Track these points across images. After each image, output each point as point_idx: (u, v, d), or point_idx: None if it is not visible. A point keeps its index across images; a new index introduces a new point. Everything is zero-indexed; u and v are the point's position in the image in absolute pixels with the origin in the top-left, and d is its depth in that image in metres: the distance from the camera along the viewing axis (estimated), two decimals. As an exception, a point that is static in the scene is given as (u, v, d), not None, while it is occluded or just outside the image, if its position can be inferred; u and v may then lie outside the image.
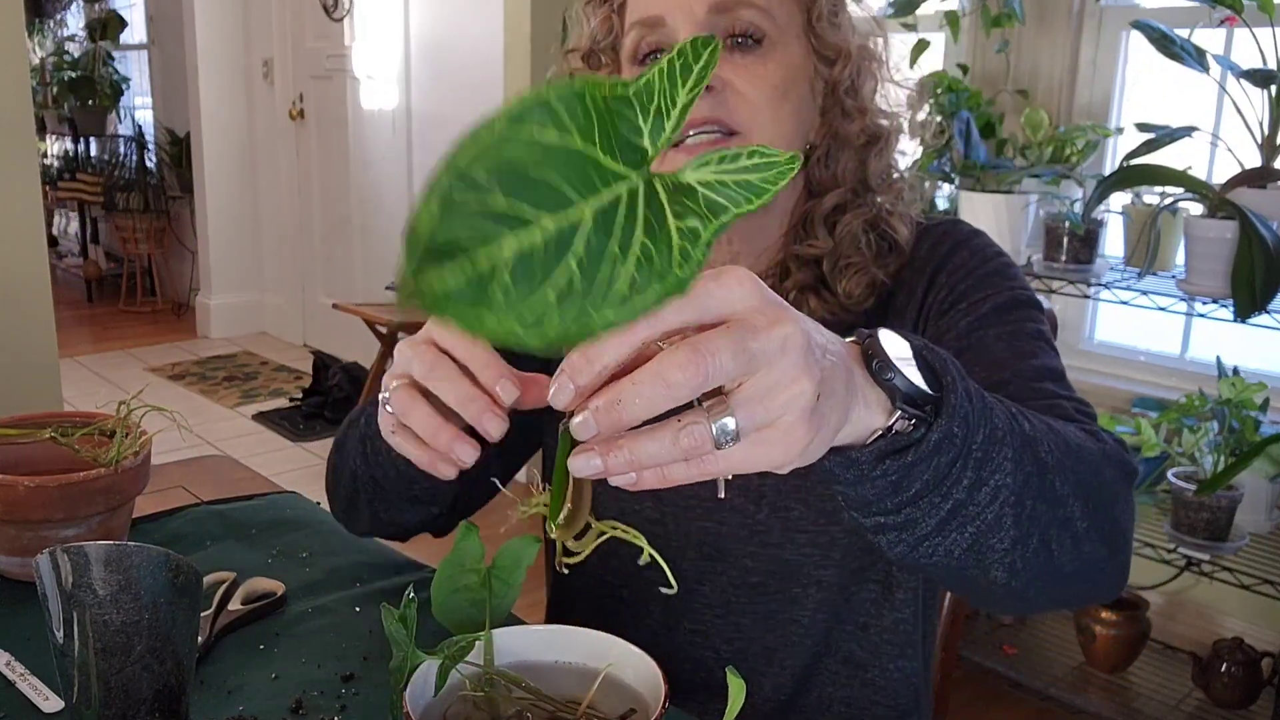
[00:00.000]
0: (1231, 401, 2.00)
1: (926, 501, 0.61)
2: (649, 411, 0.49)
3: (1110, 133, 2.38)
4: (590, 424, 0.50)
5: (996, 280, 0.94)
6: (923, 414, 0.59)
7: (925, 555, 0.65)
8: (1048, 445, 0.67)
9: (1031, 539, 0.66)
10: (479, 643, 0.71)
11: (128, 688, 0.69)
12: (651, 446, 0.51)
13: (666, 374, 0.48)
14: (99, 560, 0.68)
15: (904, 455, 0.59)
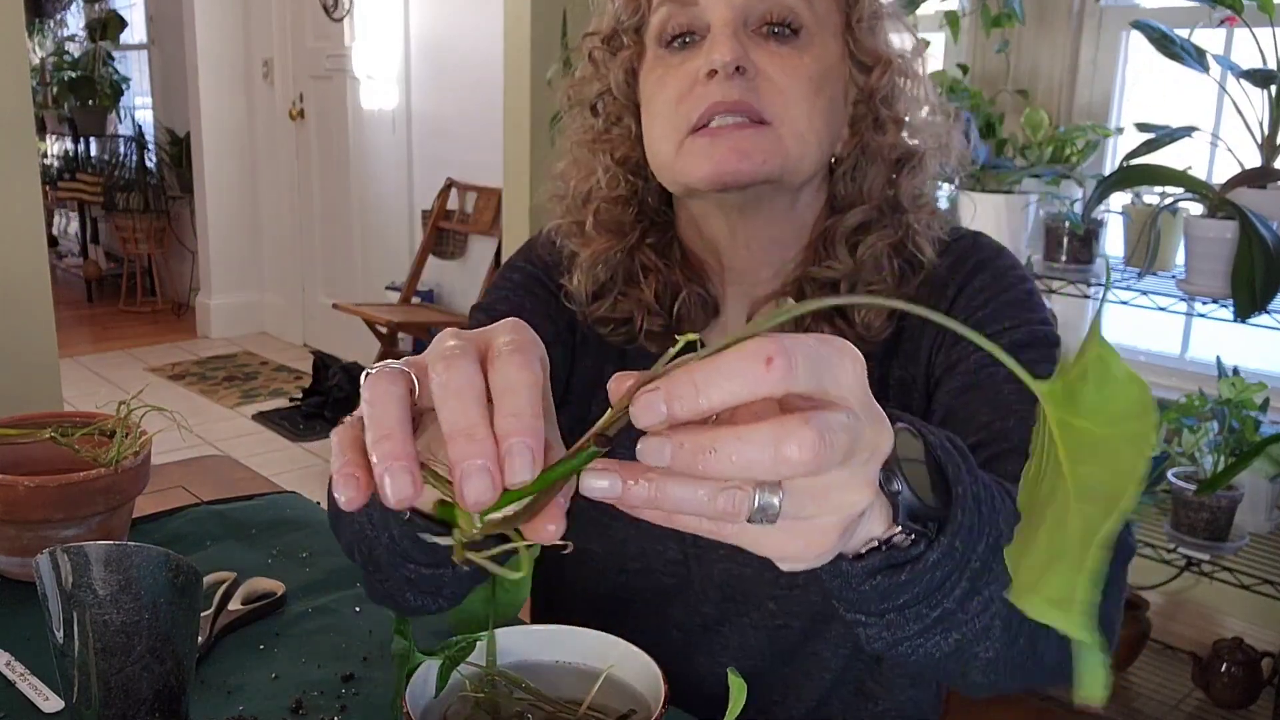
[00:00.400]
0: (1231, 401, 2.00)
1: (913, 611, 0.58)
2: (738, 473, 0.43)
3: (1110, 133, 2.38)
4: (664, 455, 0.43)
5: (1016, 311, 0.89)
6: (923, 530, 0.55)
7: (905, 654, 0.61)
8: None
9: (1019, 640, 0.63)
10: (479, 643, 0.72)
11: (128, 688, 0.69)
12: (681, 493, 0.45)
13: (783, 446, 0.42)
14: (99, 560, 0.68)
15: (898, 573, 0.55)
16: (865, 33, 0.89)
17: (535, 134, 3.26)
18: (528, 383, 0.47)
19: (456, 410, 0.46)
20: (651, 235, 0.95)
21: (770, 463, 0.43)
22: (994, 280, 0.92)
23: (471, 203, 4.31)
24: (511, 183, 3.41)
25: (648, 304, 0.93)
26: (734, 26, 0.84)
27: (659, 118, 0.88)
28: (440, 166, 4.44)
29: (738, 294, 0.96)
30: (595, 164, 0.95)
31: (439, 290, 4.57)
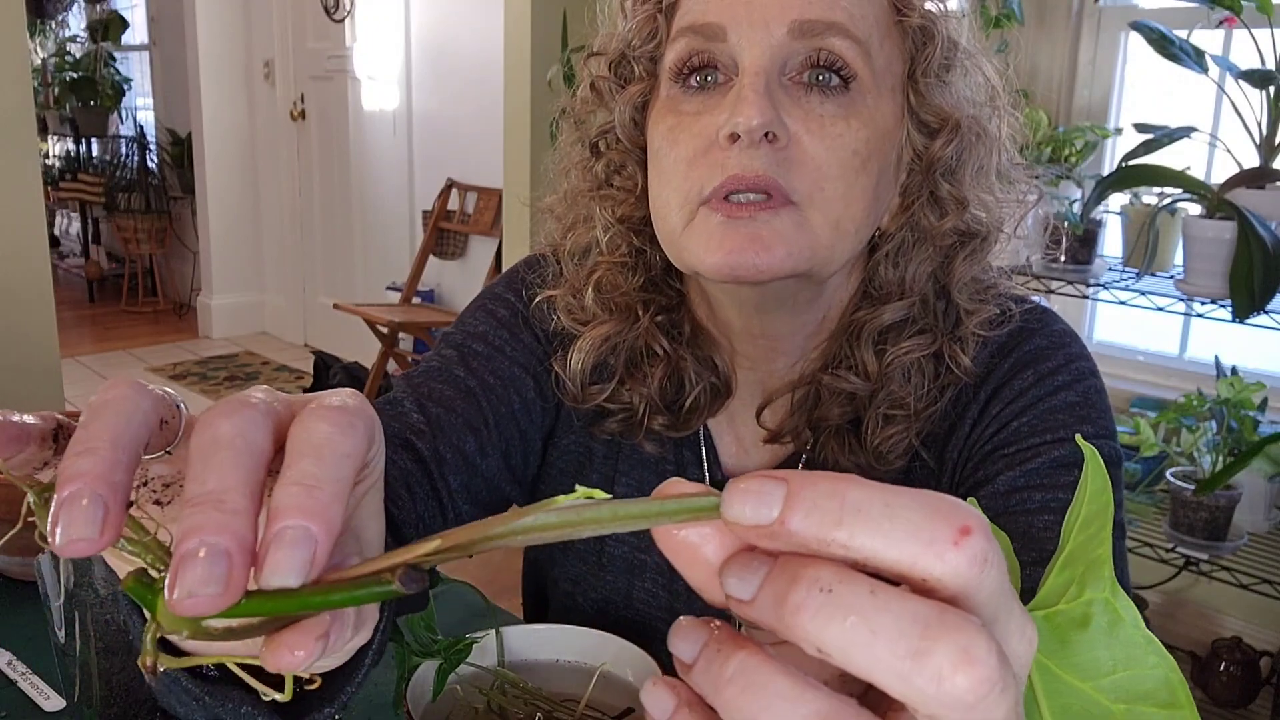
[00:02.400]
0: (1230, 401, 2.00)
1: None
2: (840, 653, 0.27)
3: (1109, 133, 2.38)
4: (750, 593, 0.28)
5: (1065, 419, 0.73)
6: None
7: None
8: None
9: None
10: (478, 645, 0.72)
11: (129, 687, 0.70)
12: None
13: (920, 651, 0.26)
14: (100, 560, 0.68)
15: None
16: (933, 87, 0.72)
17: (535, 134, 3.27)
18: (341, 450, 0.34)
19: (209, 466, 0.32)
20: (661, 314, 0.80)
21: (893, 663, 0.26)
22: (1039, 380, 0.75)
23: (472, 203, 4.31)
24: (512, 183, 3.42)
25: (651, 397, 0.80)
26: (768, 74, 0.67)
27: (667, 182, 0.72)
28: (441, 167, 4.44)
29: (750, 379, 0.83)
30: (595, 217, 0.81)
31: (439, 290, 4.57)
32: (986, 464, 0.73)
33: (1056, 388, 0.75)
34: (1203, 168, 2.34)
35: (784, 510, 0.27)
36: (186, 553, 0.30)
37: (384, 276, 4.78)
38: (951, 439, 0.77)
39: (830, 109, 0.68)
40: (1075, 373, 0.75)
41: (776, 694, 0.27)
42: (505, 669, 0.73)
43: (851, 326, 0.77)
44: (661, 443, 0.83)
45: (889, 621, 0.26)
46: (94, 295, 6.32)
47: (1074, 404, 0.74)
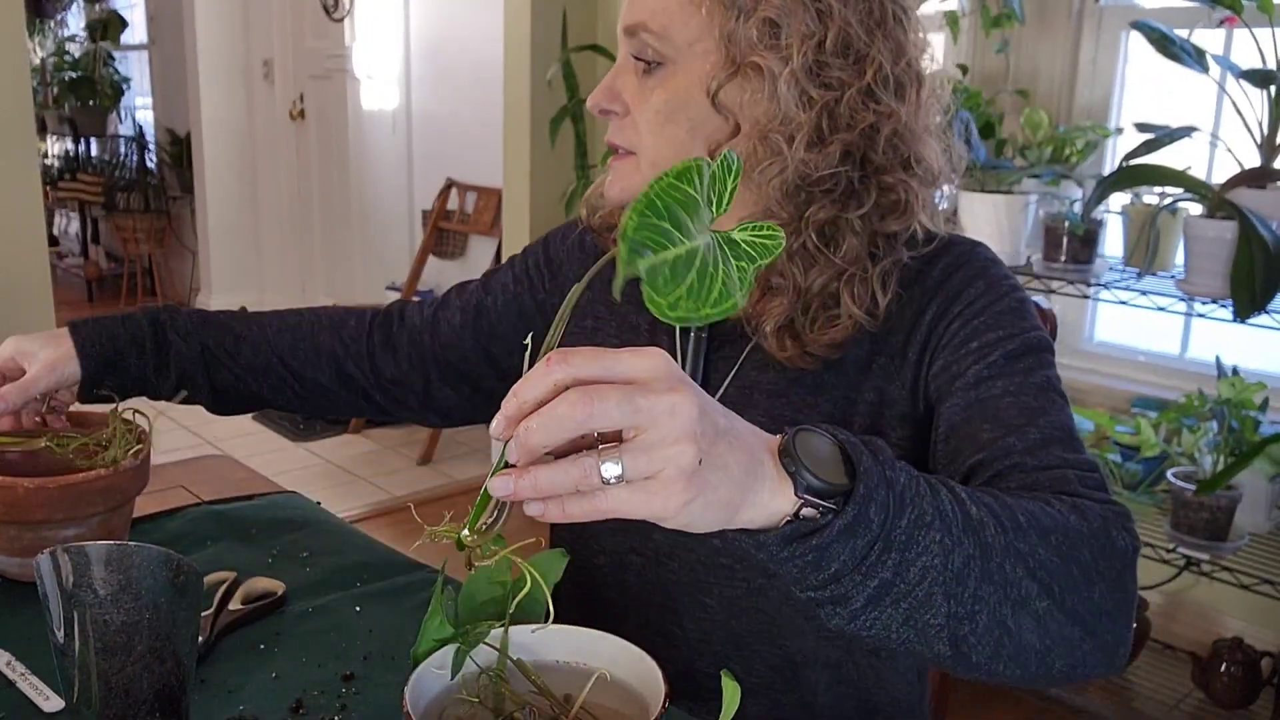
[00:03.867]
0: (1231, 401, 2.00)
1: (849, 580, 0.65)
2: (547, 440, 0.58)
3: (1110, 133, 2.38)
4: (511, 448, 0.59)
5: (1009, 320, 0.92)
6: (829, 504, 0.63)
7: (864, 628, 0.67)
8: (995, 529, 0.69)
9: (979, 617, 0.68)
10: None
11: (128, 687, 0.69)
12: (548, 475, 0.58)
13: (557, 408, 0.57)
14: (99, 560, 0.68)
15: (809, 539, 0.63)
16: (737, 44, 0.90)
17: (535, 134, 3.27)
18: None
19: None
20: None
21: (554, 423, 0.57)
22: (988, 289, 0.94)
23: (472, 203, 4.31)
24: (511, 183, 3.41)
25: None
26: (620, 66, 0.96)
27: None
28: (440, 166, 4.44)
29: None
30: None
31: (439, 290, 4.56)
32: (955, 354, 0.92)
33: (1000, 295, 0.94)
34: (1203, 167, 2.34)
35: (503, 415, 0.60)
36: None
37: (383, 276, 4.78)
38: (919, 326, 0.95)
39: (650, 82, 0.94)
40: (1011, 285, 0.96)
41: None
42: (506, 669, 0.73)
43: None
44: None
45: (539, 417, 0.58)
46: (93, 295, 6.32)
47: (1014, 308, 0.94)
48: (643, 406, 0.57)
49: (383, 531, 3.10)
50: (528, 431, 0.57)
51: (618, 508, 0.59)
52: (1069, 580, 0.71)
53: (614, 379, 0.58)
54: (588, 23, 3.31)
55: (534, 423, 0.57)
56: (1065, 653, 0.72)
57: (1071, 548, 0.73)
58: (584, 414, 0.57)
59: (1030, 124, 2.29)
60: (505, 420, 0.59)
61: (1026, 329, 0.92)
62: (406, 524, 3.28)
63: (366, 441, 4.00)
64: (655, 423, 0.57)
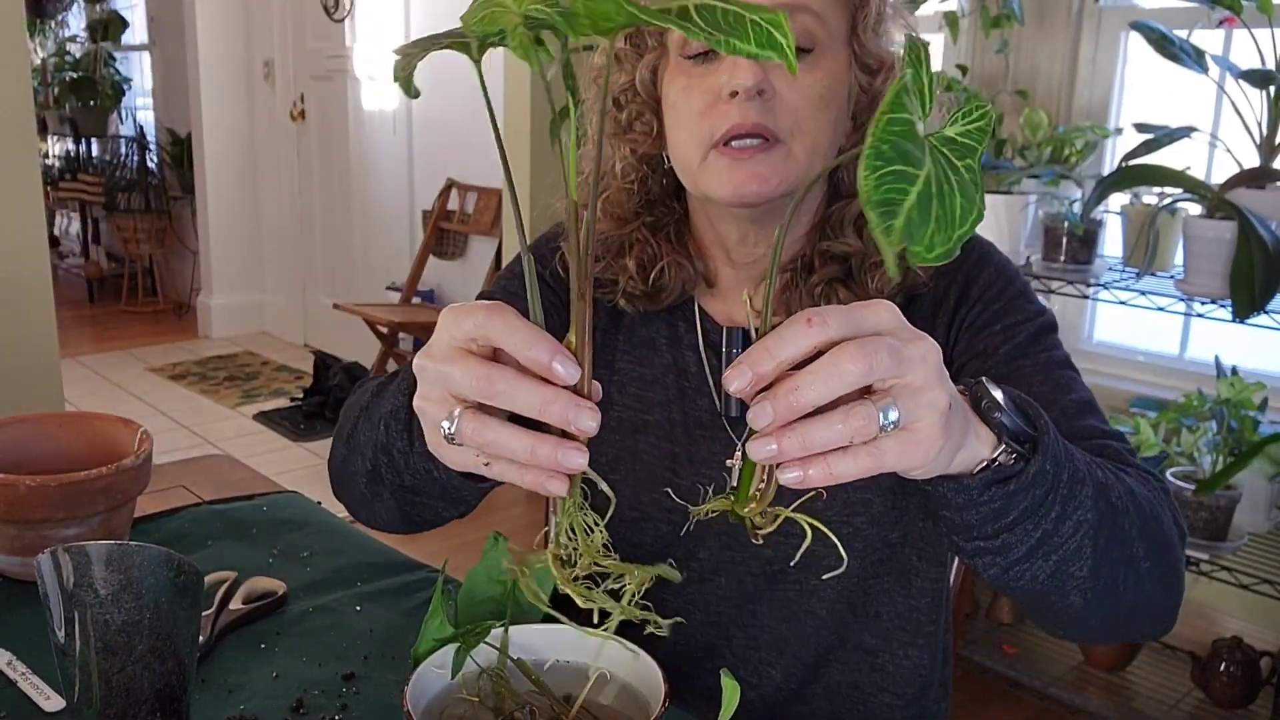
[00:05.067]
0: (1230, 401, 2.00)
1: (1021, 529, 0.69)
2: (823, 396, 0.56)
3: (1109, 133, 2.38)
4: (768, 410, 0.56)
5: (1021, 304, 0.97)
6: (1022, 450, 0.67)
7: (1015, 578, 0.72)
8: (1118, 492, 0.75)
9: (1102, 572, 0.74)
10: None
11: (129, 687, 0.70)
12: (822, 431, 0.56)
13: (840, 363, 0.55)
14: (100, 560, 0.68)
15: (1007, 484, 0.67)
16: (871, 38, 0.93)
17: (535, 134, 3.27)
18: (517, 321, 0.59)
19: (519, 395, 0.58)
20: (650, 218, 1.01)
21: (838, 378, 0.55)
22: (999, 275, 0.98)
23: (472, 203, 4.32)
24: (512, 183, 3.41)
25: (631, 272, 1.00)
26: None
27: (684, 127, 0.92)
28: (441, 167, 4.44)
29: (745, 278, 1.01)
30: (614, 155, 1.01)
31: (440, 290, 4.57)
32: (981, 336, 0.96)
33: (1009, 280, 0.98)
34: (1203, 168, 2.34)
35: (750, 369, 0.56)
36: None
37: (384, 276, 4.78)
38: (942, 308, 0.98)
39: (802, 66, 0.89)
40: (1012, 270, 1.00)
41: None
42: (506, 669, 0.73)
43: (830, 218, 0.97)
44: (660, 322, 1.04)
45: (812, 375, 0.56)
46: (94, 295, 6.32)
47: (1021, 291, 0.98)
48: (906, 356, 0.57)
49: (384, 533, 3.10)
50: (799, 390, 0.55)
51: (891, 461, 0.58)
52: (1160, 540, 0.79)
53: (865, 333, 0.57)
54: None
55: (808, 380, 0.55)
56: (1149, 609, 0.80)
57: (1157, 511, 0.79)
58: (866, 366, 0.56)
59: (1030, 124, 2.29)
60: (758, 378, 0.56)
61: (1038, 310, 0.97)
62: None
63: (367, 441, 4.00)
64: (913, 369, 0.58)
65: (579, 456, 0.57)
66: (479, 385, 0.58)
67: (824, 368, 0.55)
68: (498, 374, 0.58)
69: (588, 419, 0.56)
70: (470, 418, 0.59)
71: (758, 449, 0.56)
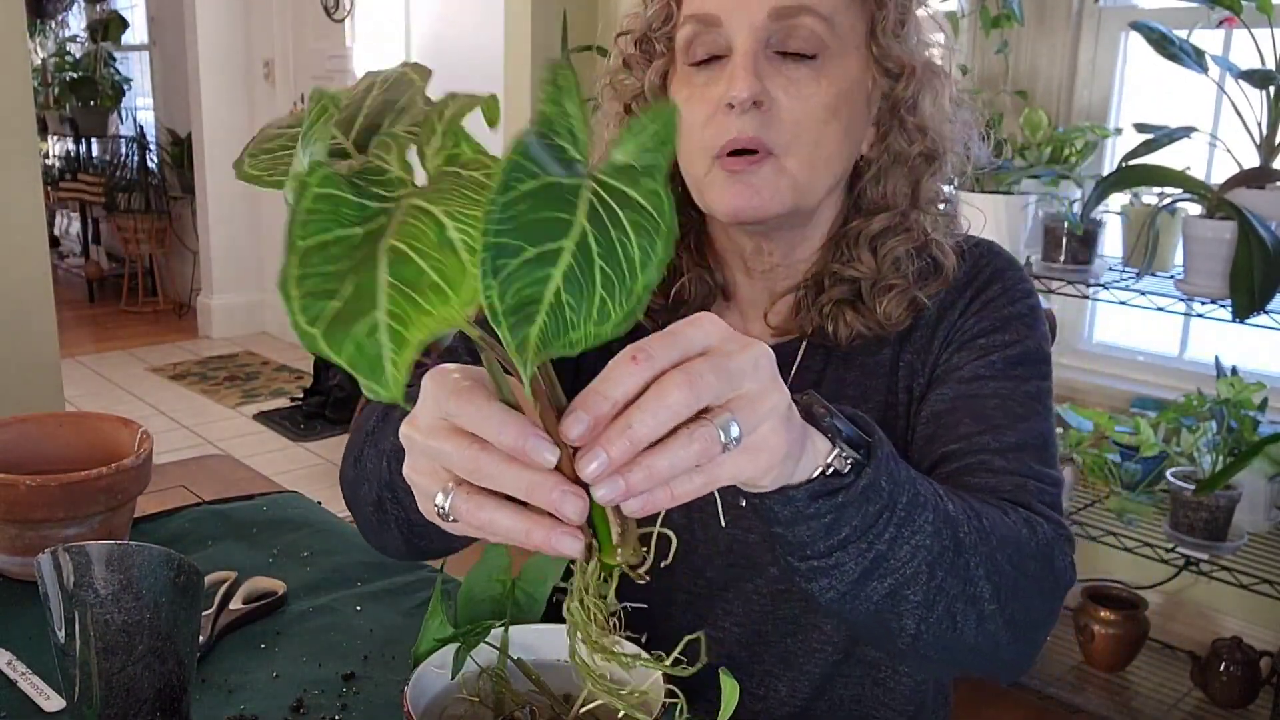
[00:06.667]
0: (1230, 401, 2.00)
1: (854, 548, 0.68)
2: (654, 431, 0.54)
3: (1109, 133, 2.38)
4: (601, 456, 0.53)
5: (1018, 326, 0.93)
6: (856, 457, 0.66)
7: (851, 602, 0.70)
8: (968, 528, 0.73)
9: (938, 605, 0.71)
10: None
11: (129, 687, 0.70)
12: (665, 459, 0.55)
13: (665, 395, 0.54)
14: (100, 560, 0.68)
15: (835, 496, 0.65)
16: (891, 41, 0.90)
17: (535, 134, 3.27)
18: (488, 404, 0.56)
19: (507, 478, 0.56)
20: None
21: (667, 411, 0.54)
22: (1004, 293, 0.95)
23: (472, 203, 4.32)
24: (512, 183, 3.41)
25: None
26: (754, 54, 0.85)
27: (688, 138, 0.90)
28: (441, 167, 4.44)
29: (760, 288, 1.00)
30: None
31: (440, 290, 4.57)
32: (962, 351, 0.92)
33: (1014, 299, 0.94)
34: (1203, 168, 2.34)
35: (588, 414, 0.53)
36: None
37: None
38: (942, 322, 0.95)
39: (803, 73, 0.86)
40: (1025, 290, 0.96)
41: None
42: (506, 669, 0.73)
43: (846, 235, 0.94)
44: None
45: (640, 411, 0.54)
46: (94, 295, 6.32)
47: (1023, 315, 0.93)
48: (734, 370, 0.56)
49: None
50: (632, 428, 0.53)
51: (734, 474, 0.58)
52: (1014, 590, 0.75)
53: (693, 355, 0.56)
54: (588, 23, 3.31)
55: (638, 417, 0.54)
56: (991, 653, 0.76)
57: (1022, 559, 0.76)
58: (692, 395, 0.54)
59: (1030, 124, 2.29)
60: (595, 421, 0.53)
61: (1031, 338, 0.92)
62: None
63: (367, 441, 4.00)
64: (745, 383, 0.57)
65: (572, 542, 0.55)
66: (468, 467, 0.57)
67: (650, 402, 0.54)
68: (484, 457, 0.56)
69: (571, 507, 0.54)
70: (464, 497, 0.58)
71: (604, 490, 0.54)
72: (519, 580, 0.80)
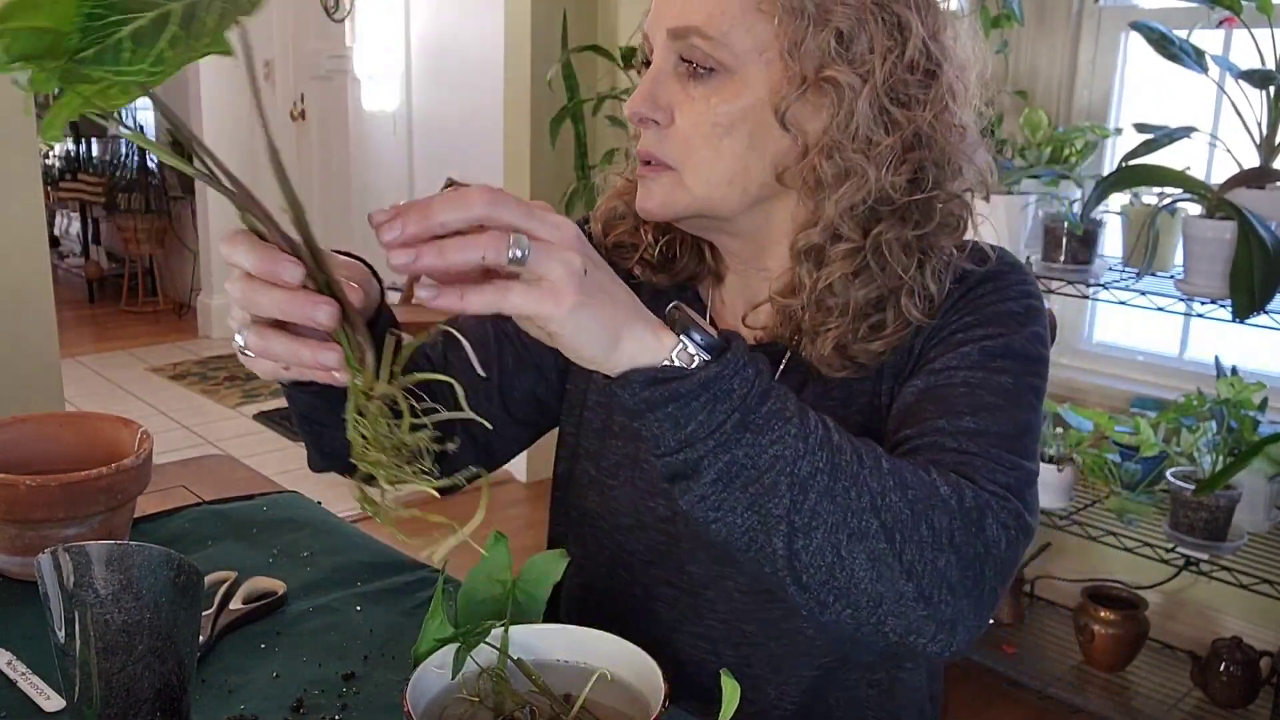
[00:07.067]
0: (1230, 401, 2.00)
1: (702, 446, 0.69)
2: (450, 221, 0.63)
3: (1109, 133, 2.38)
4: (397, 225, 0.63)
5: (1005, 321, 0.88)
6: (704, 357, 0.69)
7: (712, 508, 0.71)
8: (852, 457, 0.72)
9: (815, 532, 0.71)
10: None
11: (129, 687, 0.70)
12: (457, 245, 0.62)
13: (468, 196, 0.62)
14: (100, 559, 0.68)
15: (671, 384, 0.68)
16: (809, 56, 0.83)
17: (535, 135, 3.27)
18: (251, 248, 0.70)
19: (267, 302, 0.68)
20: None
21: (463, 209, 0.62)
22: (995, 290, 0.91)
23: (472, 203, 4.32)
24: (512, 183, 3.42)
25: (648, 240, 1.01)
26: (658, 72, 0.88)
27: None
28: (441, 167, 4.44)
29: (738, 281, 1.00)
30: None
31: (440, 290, 4.57)
32: (939, 346, 0.89)
33: (1006, 298, 0.90)
34: (1203, 168, 2.34)
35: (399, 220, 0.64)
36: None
37: (384, 277, 4.78)
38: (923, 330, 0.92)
39: (701, 90, 0.86)
40: (1023, 290, 0.91)
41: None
42: (506, 669, 0.73)
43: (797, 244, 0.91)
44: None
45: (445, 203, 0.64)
46: (94, 295, 6.32)
47: (1015, 313, 0.89)
48: (535, 214, 0.64)
49: (383, 531, 3.10)
50: (434, 206, 0.63)
51: (517, 304, 0.64)
52: (914, 536, 0.72)
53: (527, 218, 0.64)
54: (588, 23, 3.31)
55: (440, 204, 0.63)
56: (896, 608, 0.72)
57: (928, 509, 0.73)
58: (491, 206, 0.62)
59: (1029, 124, 2.30)
60: (398, 210, 0.63)
61: (1018, 334, 0.88)
62: (406, 524, 3.27)
63: (367, 441, 4.00)
64: (546, 230, 0.64)
65: (331, 354, 0.65)
66: (242, 300, 0.67)
67: (453, 198, 0.62)
68: (249, 285, 0.66)
69: (323, 313, 0.64)
70: (253, 332, 0.69)
71: (397, 255, 0.62)
72: (519, 580, 0.80)
